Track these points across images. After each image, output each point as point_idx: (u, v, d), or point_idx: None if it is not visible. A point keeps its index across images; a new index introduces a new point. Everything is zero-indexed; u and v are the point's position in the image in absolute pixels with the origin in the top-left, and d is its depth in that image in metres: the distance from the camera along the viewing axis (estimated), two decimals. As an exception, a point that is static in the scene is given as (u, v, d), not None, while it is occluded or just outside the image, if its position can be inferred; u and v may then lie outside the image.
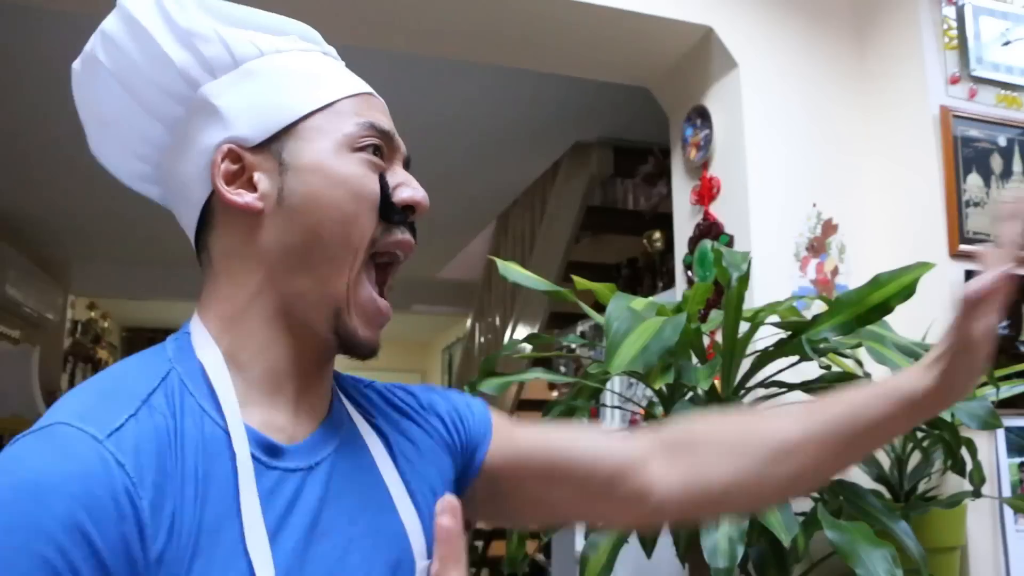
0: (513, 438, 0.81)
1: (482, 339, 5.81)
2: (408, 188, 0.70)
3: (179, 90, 0.68)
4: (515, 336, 4.81)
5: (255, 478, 0.61)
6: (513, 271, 1.57)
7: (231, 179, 0.67)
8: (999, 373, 1.55)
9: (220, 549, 0.57)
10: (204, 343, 0.66)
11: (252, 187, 0.67)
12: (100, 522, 0.53)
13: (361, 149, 0.68)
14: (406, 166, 0.74)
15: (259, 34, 0.71)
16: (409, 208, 0.70)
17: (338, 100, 0.70)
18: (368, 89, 0.73)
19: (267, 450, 0.63)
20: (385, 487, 0.70)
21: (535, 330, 4.52)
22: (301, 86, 0.69)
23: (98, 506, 0.53)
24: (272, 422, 0.65)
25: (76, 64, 0.71)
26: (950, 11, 2.09)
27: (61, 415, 0.57)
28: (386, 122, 0.72)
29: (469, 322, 6.21)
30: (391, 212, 0.68)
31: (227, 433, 0.61)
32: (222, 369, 0.64)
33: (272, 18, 0.72)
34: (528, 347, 2.01)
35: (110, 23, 0.68)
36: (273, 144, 0.67)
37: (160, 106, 0.69)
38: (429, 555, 0.70)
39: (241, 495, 0.59)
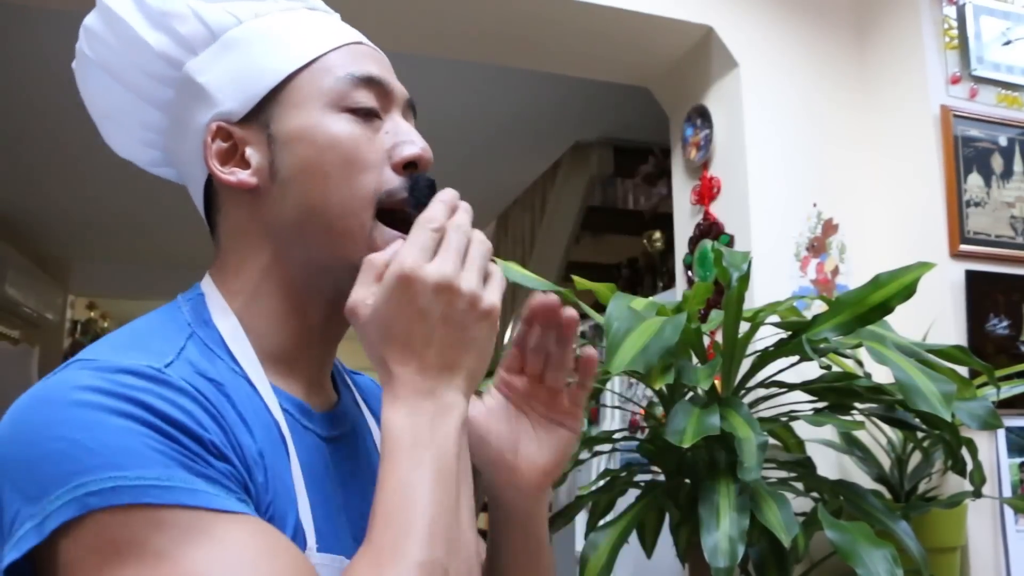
0: None
1: (482, 339, 5.80)
2: (407, 144, 0.66)
3: (163, 72, 0.67)
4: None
5: (293, 436, 0.62)
6: (513, 271, 1.57)
7: (225, 158, 0.65)
8: (999, 373, 1.54)
9: (279, 501, 0.58)
10: (221, 312, 0.65)
11: (245, 163, 0.65)
12: (197, 406, 0.54)
13: (350, 108, 0.65)
14: (408, 108, 0.70)
15: (236, 2, 0.67)
16: (412, 164, 0.66)
17: (321, 56, 0.66)
18: (355, 38, 0.69)
19: (300, 410, 0.64)
20: None
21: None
22: (280, 47, 0.65)
23: (187, 397, 0.54)
24: (294, 391, 0.66)
25: (74, 63, 0.71)
26: (951, 11, 2.09)
27: (101, 354, 0.55)
28: (376, 69, 0.67)
29: (469, 322, 6.21)
30: (415, 204, 0.64)
31: (258, 392, 0.61)
32: (242, 339, 0.64)
33: None
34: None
35: (90, 18, 0.68)
36: (260, 115, 0.65)
37: (150, 91, 0.68)
38: None
39: (288, 447, 0.60)
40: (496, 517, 0.73)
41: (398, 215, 0.65)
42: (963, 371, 1.57)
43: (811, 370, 1.64)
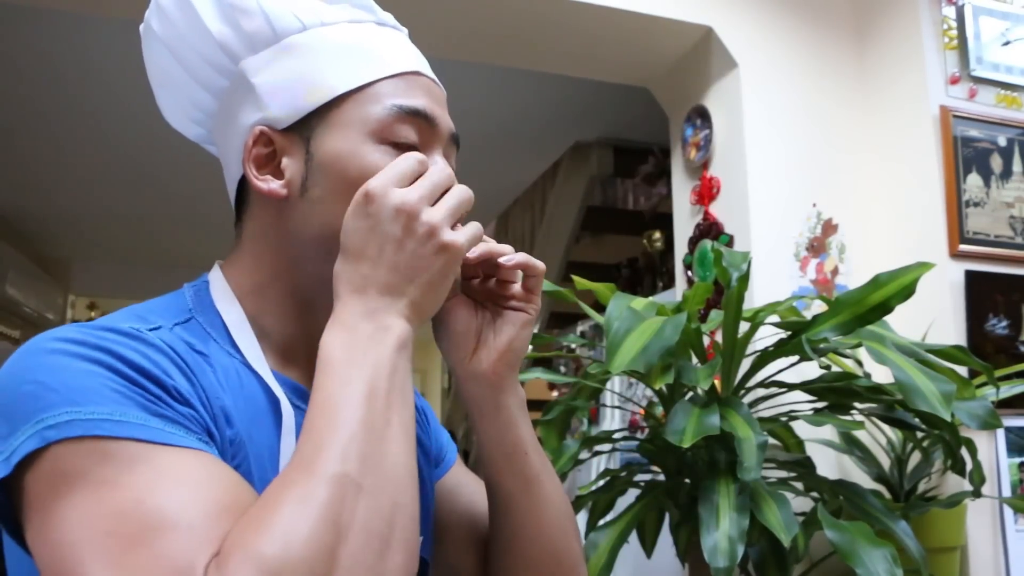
0: (460, 473, 0.85)
1: (482, 339, 5.79)
2: None
3: (221, 62, 0.68)
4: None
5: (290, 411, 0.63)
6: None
7: (262, 163, 0.67)
8: (999, 373, 1.55)
9: (255, 461, 0.60)
10: (227, 301, 0.67)
11: (280, 173, 0.66)
12: (173, 366, 0.57)
13: (390, 141, 0.65)
14: (451, 143, 0.72)
15: (305, 4, 0.68)
16: None
17: (375, 81, 0.66)
18: (415, 67, 0.69)
19: (297, 393, 0.67)
20: None
21: (535, 330, 4.51)
22: (337, 64, 0.66)
23: (165, 358, 0.57)
24: (292, 377, 0.68)
25: (141, 27, 0.72)
26: (950, 11, 2.09)
27: (90, 324, 0.59)
28: (425, 103, 0.67)
29: (469, 322, 6.20)
30: None
31: (254, 372, 0.64)
32: (245, 326, 0.66)
33: None
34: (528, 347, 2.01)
35: None
36: (303, 127, 0.66)
37: (206, 76, 0.69)
38: (421, 532, 0.72)
39: (284, 422, 0.62)
40: (477, 442, 0.73)
41: None
42: (963, 371, 1.57)
43: (811, 370, 1.65)
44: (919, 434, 1.65)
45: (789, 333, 1.49)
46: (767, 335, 1.59)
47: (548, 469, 0.73)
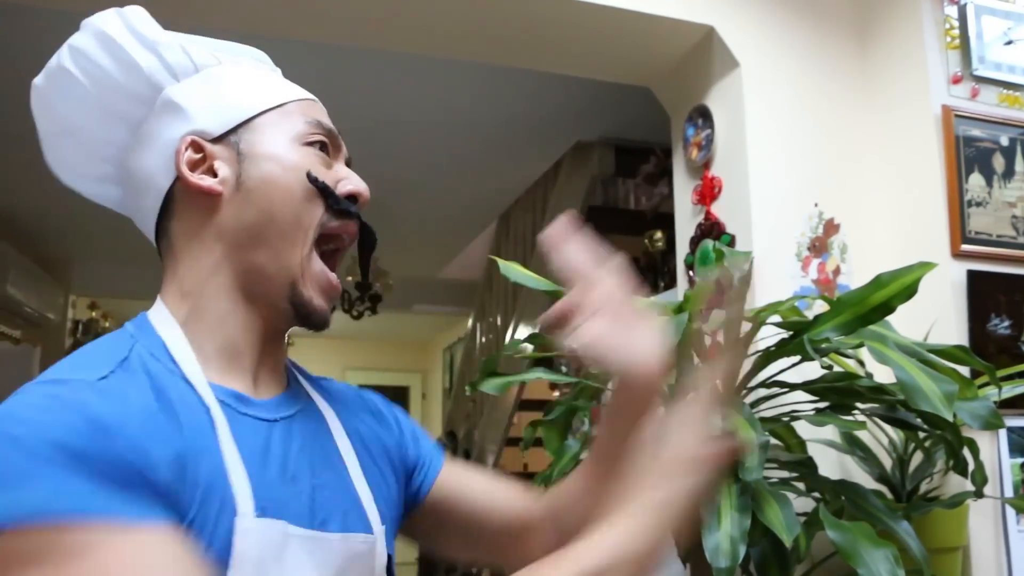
0: (455, 478, 0.89)
1: (483, 339, 5.81)
2: (351, 181, 0.78)
3: (144, 92, 0.77)
4: (516, 336, 4.81)
5: (228, 421, 0.67)
6: (514, 271, 1.57)
7: (193, 166, 0.75)
8: (1001, 373, 1.54)
9: (201, 473, 0.63)
10: (163, 320, 0.73)
11: (212, 174, 0.74)
12: (106, 436, 0.58)
13: (310, 144, 0.77)
14: (348, 164, 0.82)
15: (217, 46, 0.81)
16: (352, 198, 0.78)
17: (288, 102, 0.79)
18: (311, 96, 0.83)
19: (235, 398, 0.71)
20: (340, 458, 0.78)
21: (536, 330, 4.51)
22: (256, 89, 0.78)
23: (103, 424, 0.58)
24: (234, 385, 0.72)
25: (39, 80, 0.80)
26: (952, 10, 2.08)
27: (42, 377, 0.62)
28: (328, 122, 0.80)
29: (470, 322, 6.21)
30: (336, 201, 0.76)
31: (194, 389, 0.68)
32: (181, 340, 0.71)
33: (228, 44, 0.83)
34: (529, 347, 2.01)
35: (79, 39, 0.77)
36: (231, 136, 0.76)
37: (126, 109, 0.77)
38: (382, 522, 0.77)
39: (217, 429, 0.66)
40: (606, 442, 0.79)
41: (333, 240, 0.77)
42: (964, 371, 1.57)
43: (812, 370, 1.64)
44: (921, 434, 1.65)
45: (791, 333, 1.49)
46: (769, 335, 1.59)
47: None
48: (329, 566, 0.69)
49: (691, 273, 2.19)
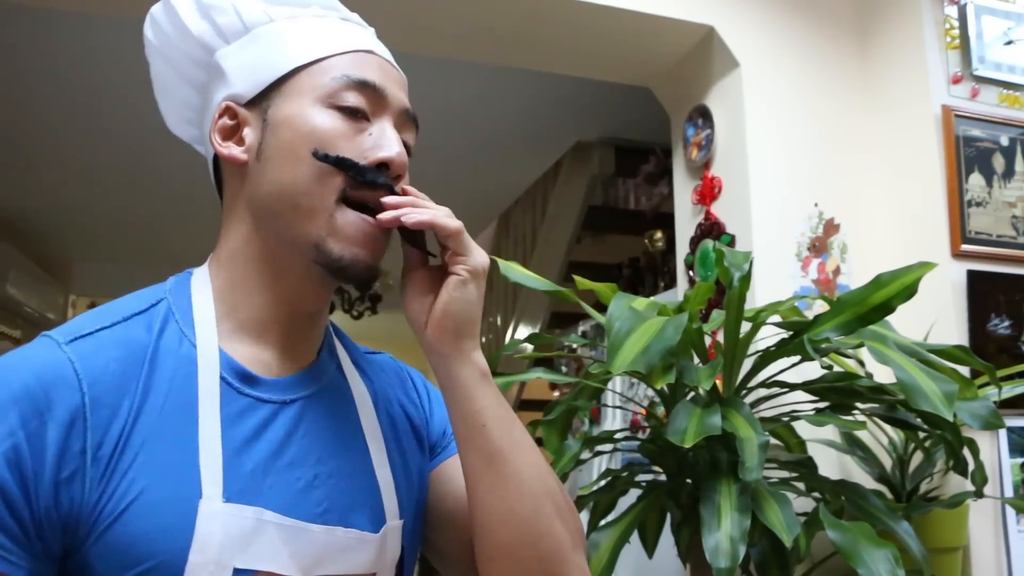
0: (454, 472, 0.82)
1: (483, 339, 5.81)
2: (382, 147, 0.70)
3: (200, 56, 0.76)
4: (516, 336, 4.81)
5: (220, 399, 0.66)
6: (514, 271, 1.57)
7: (228, 134, 0.73)
8: (1001, 373, 1.54)
9: (167, 451, 0.62)
10: (201, 281, 0.73)
11: (242, 141, 0.72)
12: (46, 402, 0.59)
13: (336, 105, 0.70)
14: (406, 120, 0.75)
15: (275, 5, 0.75)
16: (383, 166, 0.70)
17: (327, 57, 0.72)
18: (367, 46, 0.75)
19: (240, 377, 0.69)
20: (363, 439, 0.74)
21: (536, 330, 4.52)
22: (296, 44, 0.72)
23: (43, 389, 0.60)
24: (259, 357, 0.71)
25: (144, 43, 0.81)
26: (952, 10, 2.08)
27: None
28: (376, 76, 0.72)
29: (470, 322, 6.20)
30: (360, 172, 0.69)
31: (197, 360, 0.67)
32: (208, 302, 0.71)
33: None
34: (529, 347, 2.01)
35: (156, 8, 0.77)
36: (263, 100, 0.72)
37: (191, 73, 0.77)
38: (401, 515, 0.73)
39: (200, 408, 0.65)
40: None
41: (366, 206, 0.70)
42: (964, 371, 1.57)
43: (812, 370, 1.64)
44: (921, 434, 1.65)
45: (791, 333, 1.49)
46: (769, 335, 1.59)
47: (517, 444, 0.70)
48: (306, 556, 0.66)
49: (691, 273, 2.19)
